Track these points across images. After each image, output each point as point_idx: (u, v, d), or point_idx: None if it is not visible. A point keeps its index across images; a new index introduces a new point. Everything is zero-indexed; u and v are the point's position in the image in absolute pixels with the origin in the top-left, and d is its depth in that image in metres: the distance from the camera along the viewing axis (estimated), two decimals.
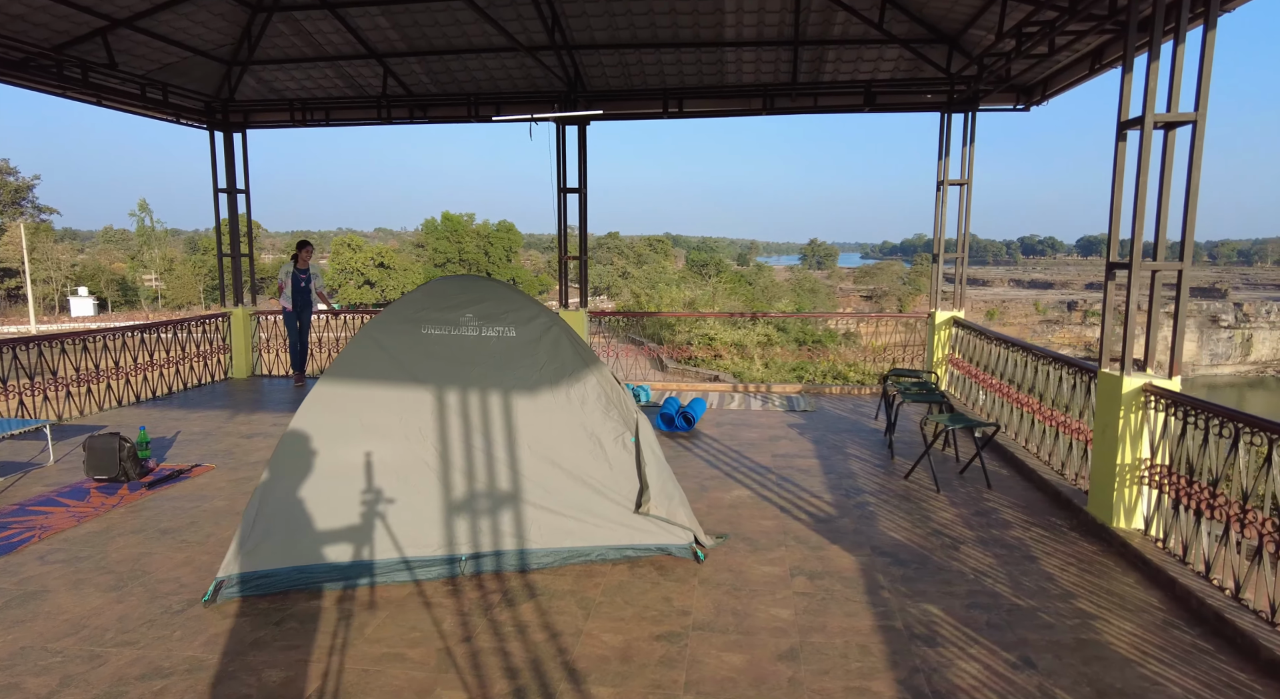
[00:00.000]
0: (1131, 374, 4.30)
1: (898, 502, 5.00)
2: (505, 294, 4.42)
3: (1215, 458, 3.67)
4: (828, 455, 6.07)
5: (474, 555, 3.85)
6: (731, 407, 7.97)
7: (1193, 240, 4.16)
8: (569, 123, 8.91)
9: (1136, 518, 4.31)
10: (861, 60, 8.37)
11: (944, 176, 8.29)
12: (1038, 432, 5.76)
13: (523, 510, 3.95)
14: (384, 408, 3.94)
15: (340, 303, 69.02)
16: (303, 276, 8.90)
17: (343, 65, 9.00)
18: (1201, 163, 4.08)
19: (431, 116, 9.65)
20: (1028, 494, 5.16)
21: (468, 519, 3.89)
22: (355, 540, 3.73)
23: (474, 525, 3.89)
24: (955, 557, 4.11)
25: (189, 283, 66.40)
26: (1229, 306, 65.16)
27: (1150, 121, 4.13)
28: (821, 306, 64.33)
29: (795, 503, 4.97)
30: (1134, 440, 4.30)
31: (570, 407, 4.14)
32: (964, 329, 7.74)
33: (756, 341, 26.36)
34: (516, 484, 3.97)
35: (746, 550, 4.20)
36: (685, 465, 5.79)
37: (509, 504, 3.94)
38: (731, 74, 8.75)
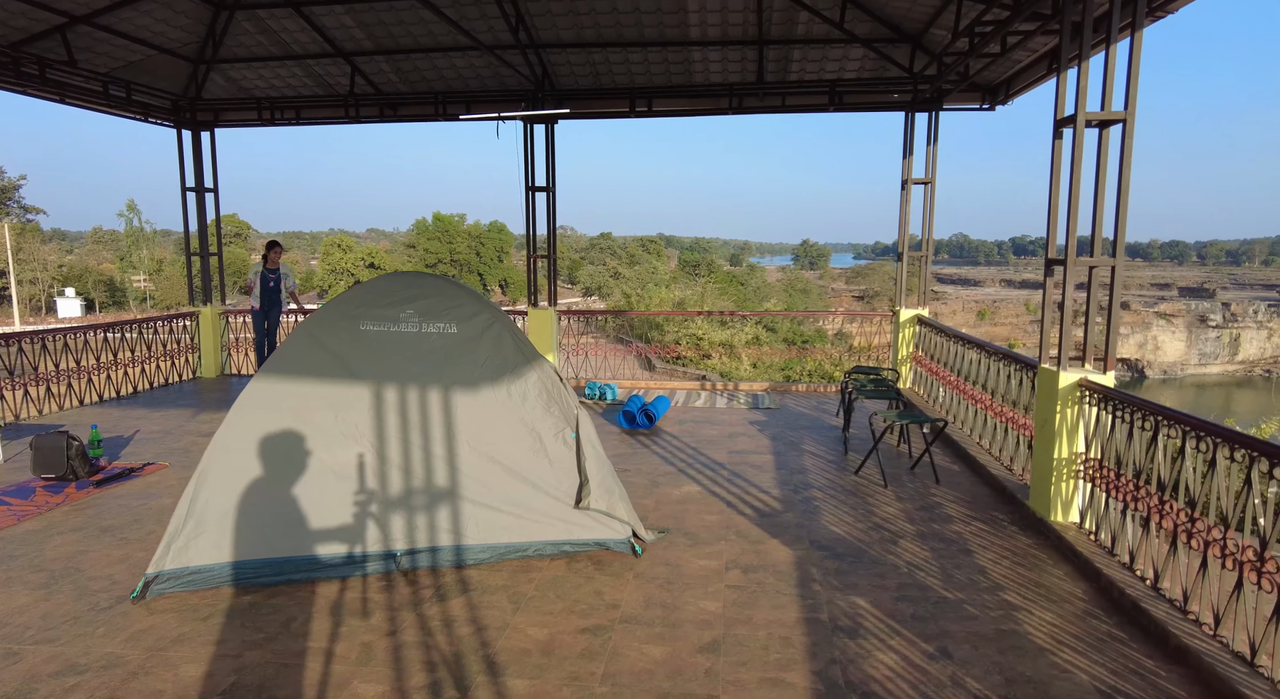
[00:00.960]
0: (1068, 369, 4.35)
1: (844, 497, 5.03)
2: (448, 290, 4.43)
3: (1139, 451, 3.71)
4: (783, 452, 6.11)
5: (410, 551, 3.87)
6: (697, 404, 8.01)
7: (1124, 237, 4.21)
8: (536, 121, 8.93)
9: (1073, 511, 4.36)
10: (827, 60, 8.41)
11: (908, 175, 8.34)
12: (989, 427, 5.81)
13: (460, 507, 3.97)
14: (320, 404, 3.95)
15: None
16: (272, 276, 8.89)
17: (310, 64, 8.99)
18: (1132, 161, 4.14)
19: (401, 115, 9.66)
20: (975, 489, 5.21)
21: (404, 515, 3.90)
22: (290, 536, 3.73)
23: (410, 522, 3.90)
24: (892, 550, 4.15)
25: (178, 284, 66.10)
26: (1217, 306, 65.70)
27: (1082, 120, 4.18)
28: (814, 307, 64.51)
29: (743, 498, 5.00)
30: (1070, 435, 4.35)
31: (511, 403, 4.16)
32: (926, 327, 7.80)
33: (745, 341, 26.46)
34: (454, 480, 3.98)
35: (686, 545, 4.23)
36: (640, 462, 5.82)
37: (446, 500, 3.96)
38: (699, 73, 8.78)
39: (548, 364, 4.34)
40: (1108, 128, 4.28)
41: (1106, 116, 4.18)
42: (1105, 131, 4.30)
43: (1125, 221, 4.18)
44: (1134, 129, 4.13)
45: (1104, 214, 4.25)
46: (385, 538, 3.85)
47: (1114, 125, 4.24)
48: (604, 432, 6.77)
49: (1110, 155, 4.25)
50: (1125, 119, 4.12)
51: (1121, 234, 4.19)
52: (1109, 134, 4.29)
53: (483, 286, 76.61)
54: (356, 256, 68.39)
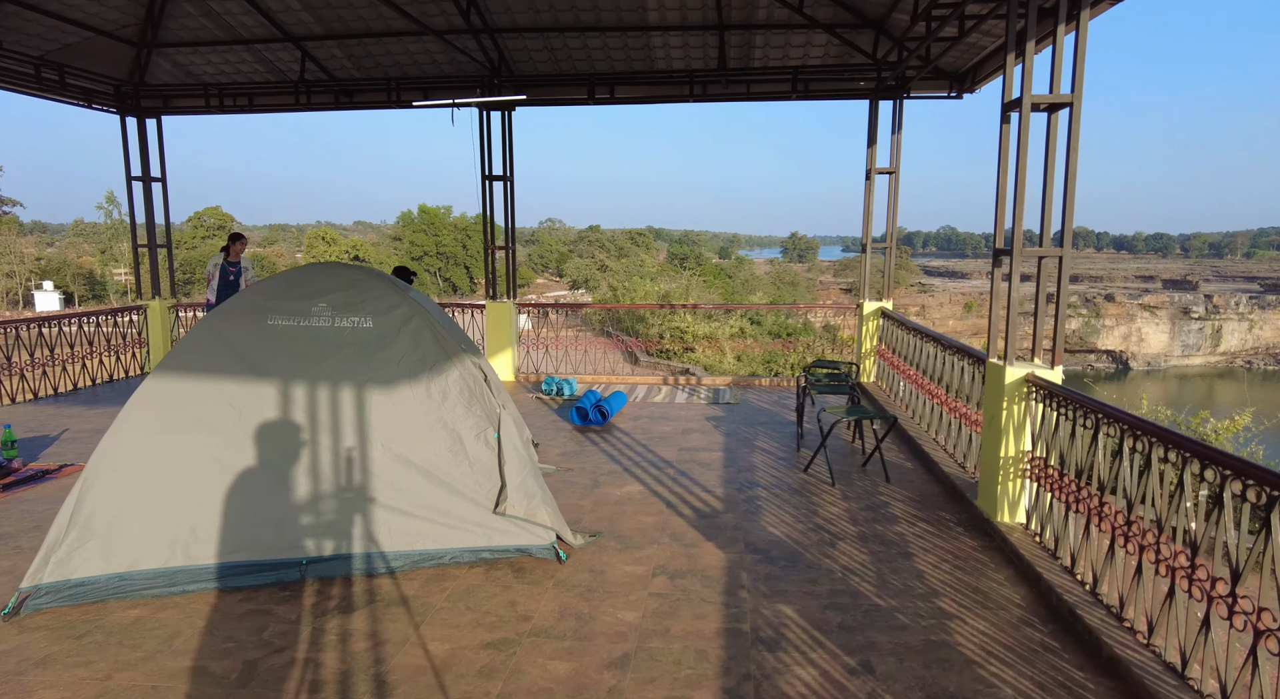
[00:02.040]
0: (1014, 364, 4.18)
1: (789, 496, 4.86)
2: (365, 282, 4.21)
3: (1081, 450, 3.55)
4: (735, 448, 5.93)
5: (316, 559, 3.65)
6: (656, 399, 7.81)
7: (1071, 226, 4.03)
8: (492, 108, 8.67)
9: (1020, 512, 4.20)
10: (790, 46, 8.20)
11: (872, 165, 8.15)
12: (945, 423, 5.65)
13: (372, 512, 3.75)
14: (221, 404, 3.72)
15: None
16: (232, 269, 8.59)
17: (260, 49, 8.68)
18: (1079, 147, 3.96)
19: (357, 102, 9.36)
20: (926, 487, 5.05)
21: (312, 521, 3.69)
22: (184, 544, 3.51)
23: (318, 528, 3.69)
24: (829, 554, 3.97)
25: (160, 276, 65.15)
26: (1200, 299, 66.20)
27: (1028, 102, 3.99)
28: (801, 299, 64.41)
29: (684, 498, 4.82)
30: (1017, 432, 4.18)
31: (430, 401, 3.94)
32: (889, 320, 7.63)
33: (729, 334, 26.26)
34: (366, 484, 3.77)
35: (616, 549, 4.03)
36: (586, 460, 5.62)
37: (358, 505, 3.74)
38: (661, 60, 8.55)
39: (470, 360, 4.13)
40: (1056, 112, 4.10)
41: (1055, 100, 4.00)
42: (1054, 116, 4.12)
43: (1072, 210, 4.00)
44: (1081, 114, 3.95)
45: (1052, 202, 4.07)
46: (290, 545, 3.64)
47: (1062, 109, 4.05)
48: (555, 428, 6.57)
49: (1058, 141, 4.07)
50: (1072, 102, 3.94)
51: (1068, 223, 4.01)
52: (1057, 119, 4.10)
53: (469, 279, 76.19)
54: (341, 249, 67.73)
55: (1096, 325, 63.61)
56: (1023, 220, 4.11)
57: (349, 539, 3.70)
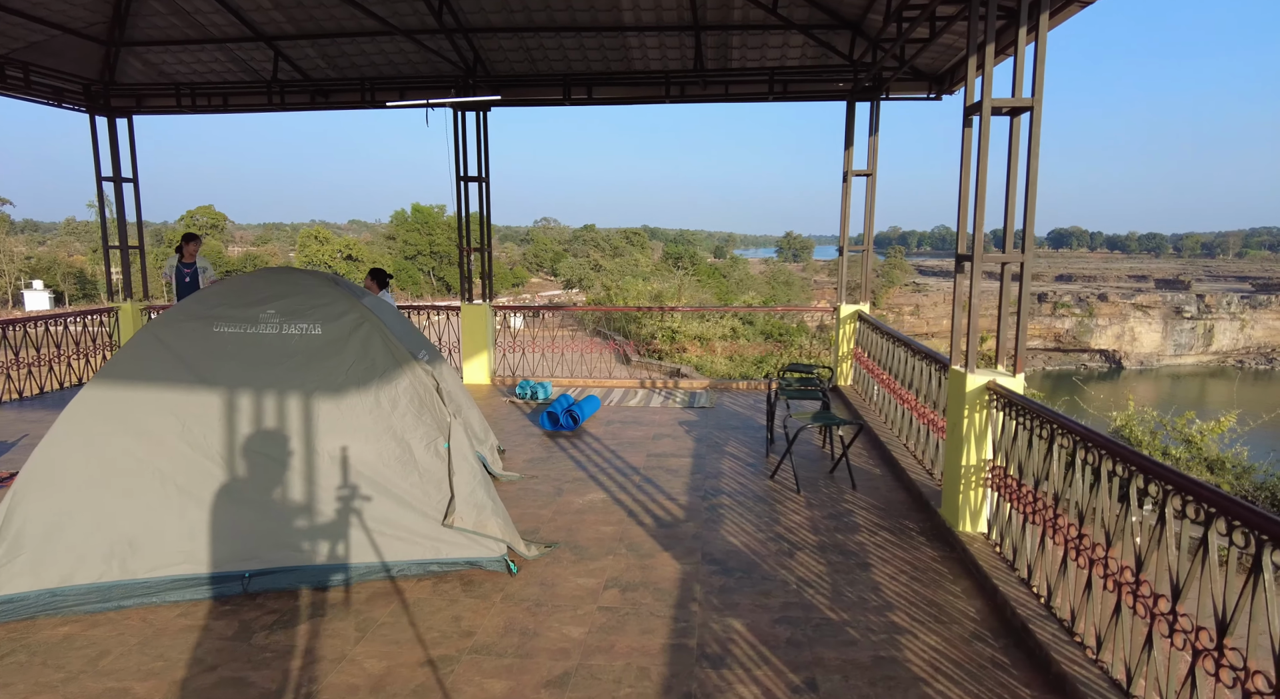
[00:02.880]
0: (976, 371, 4.12)
1: (753, 503, 4.79)
2: (315, 288, 4.13)
3: (1038, 460, 3.49)
4: (704, 454, 5.86)
5: (260, 572, 3.57)
6: (631, 403, 7.74)
7: (1032, 231, 3.97)
8: (467, 109, 8.58)
9: (981, 521, 4.14)
10: (768, 47, 8.13)
11: (849, 167, 8.09)
12: (914, 428, 5.59)
13: (318, 523, 3.67)
14: (164, 413, 3.63)
15: None
16: (187, 271, 8.49)
17: (232, 48, 8.58)
18: (1039, 152, 3.90)
19: (333, 102, 9.26)
20: (892, 495, 4.99)
21: (255, 533, 3.60)
22: (121, 558, 3.43)
23: (262, 540, 3.60)
24: (786, 564, 3.91)
25: (151, 275, 64.88)
26: (1192, 298, 66.44)
27: (988, 106, 3.93)
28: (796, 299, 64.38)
29: (647, 506, 4.74)
30: (979, 440, 4.12)
31: (379, 410, 3.86)
32: (864, 323, 7.57)
33: (721, 335, 26.18)
34: (313, 495, 3.69)
35: (570, 560, 3.96)
36: (552, 467, 5.55)
37: (303, 517, 3.66)
38: (638, 60, 8.48)
39: (421, 368, 4.05)
40: (1017, 116, 4.04)
41: (1016, 104, 3.94)
42: (1015, 120, 4.06)
43: (1033, 215, 3.94)
44: (1041, 118, 3.89)
45: (1014, 207, 4.01)
46: (233, 558, 3.55)
47: (1023, 113, 4.00)
48: (525, 434, 6.49)
49: (1020, 145, 4.01)
50: (1033, 107, 3.88)
51: (1029, 228, 3.95)
52: (1019, 123, 4.05)
53: None
54: (334, 248, 67.50)
55: (1090, 325, 63.78)
56: (983, 225, 4.05)
57: (293, 551, 3.62)
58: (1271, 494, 7.90)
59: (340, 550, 3.66)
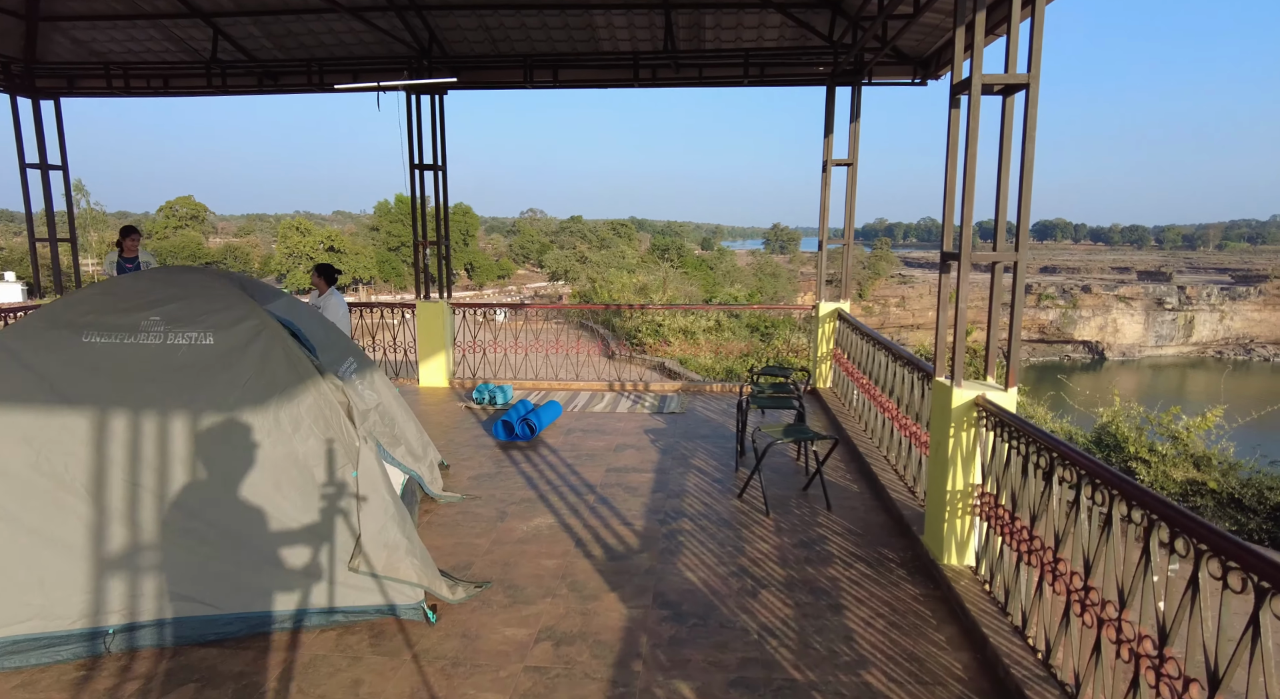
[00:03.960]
0: (963, 385, 3.65)
1: (716, 528, 4.31)
2: (208, 291, 3.59)
3: (1033, 492, 3.03)
4: (668, 468, 5.37)
5: (128, 627, 3.04)
6: (597, 408, 7.24)
7: (1028, 226, 3.50)
8: (421, 91, 8.00)
9: (969, 553, 3.68)
10: (743, 27, 7.60)
11: (829, 156, 7.60)
12: (895, 440, 5.13)
13: (202, 566, 3.15)
14: (13, 441, 3.08)
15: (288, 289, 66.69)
16: (129, 265, 7.87)
17: (168, 25, 7.92)
18: (1035, 136, 3.42)
19: (283, 85, 8.64)
20: (870, 516, 4.52)
21: (125, 581, 3.07)
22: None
23: (132, 589, 3.07)
24: (749, 606, 3.43)
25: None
26: (1173, 290, 66.82)
27: (978, 83, 3.44)
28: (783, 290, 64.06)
29: (598, 533, 4.25)
30: (966, 462, 3.66)
31: (279, 433, 3.34)
32: (844, 323, 7.10)
33: (705, 329, 25.71)
34: (197, 533, 3.16)
35: (502, 604, 3.46)
36: (499, 485, 5.04)
37: (185, 559, 3.14)
38: (605, 41, 7.92)
39: (329, 384, 3.52)
40: (1011, 96, 3.56)
41: (1010, 80, 3.45)
42: (1008, 100, 3.57)
43: (1028, 208, 3.46)
44: (1038, 97, 3.41)
45: (1007, 199, 3.54)
46: (95, 612, 3.02)
47: (1017, 92, 3.51)
48: (476, 445, 5.97)
49: (1014, 128, 3.53)
50: (1029, 84, 3.39)
51: (1024, 222, 3.48)
52: (1012, 103, 3.56)
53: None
54: (315, 240, 66.45)
55: (1073, 316, 64.02)
56: (972, 218, 3.57)
57: (171, 601, 3.09)
58: (1258, 491, 7.65)
59: (226, 599, 3.14)
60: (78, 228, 41.13)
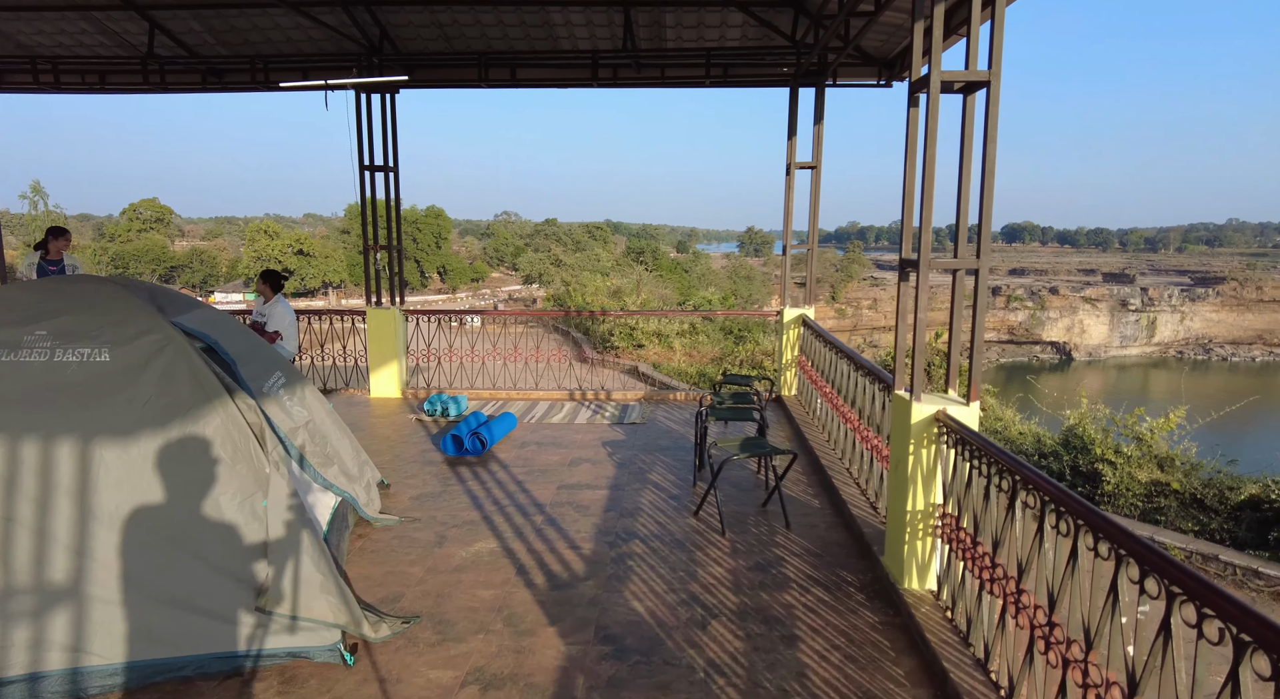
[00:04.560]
0: (923, 399, 3.46)
1: (669, 550, 4.07)
2: (106, 302, 3.26)
3: (996, 516, 2.84)
4: (624, 485, 5.12)
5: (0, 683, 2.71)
6: (555, 419, 6.96)
7: (989, 232, 3.32)
8: (371, 90, 7.68)
9: (930, 577, 3.49)
10: (705, 26, 7.40)
11: (793, 159, 7.43)
12: (857, 453, 4.94)
13: (90, 610, 2.83)
14: None
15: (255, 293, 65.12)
16: (52, 268, 7.41)
17: (99, 17, 7.50)
18: (997, 135, 3.24)
19: (228, 83, 8.25)
20: (830, 535, 4.32)
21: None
22: None
23: (6, 638, 2.74)
24: (697, 640, 3.19)
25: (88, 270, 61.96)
26: (1136, 291, 68.35)
27: (936, 81, 3.26)
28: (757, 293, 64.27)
29: (543, 559, 3.99)
30: (927, 480, 3.47)
31: (182, 459, 3.03)
32: (808, 329, 6.92)
33: (679, 332, 25.51)
34: (85, 573, 2.84)
35: (429, 642, 3.18)
36: (441, 506, 4.75)
37: (69, 603, 2.81)
38: (564, 39, 7.67)
39: (239, 404, 3.21)
40: (972, 94, 3.38)
41: (970, 77, 3.27)
42: (969, 99, 3.40)
43: (990, 212, 3.29)
44: (1000, 96, 3.23)
45: (968, 203, 3.36)
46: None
47: (978, 90, 3.33)
48: (422, 461, 5.67)
49: (975, 128, 3.35)
50: (990, 81, 3.22)
51: (986, 228, 3.30)
52: (973, 102, 3.39)
53: (420, 273, 74.16)
54: (284, 243, 65.28)
55: (1042, 317, 65.19)
56: (931, 223, 3.38)
57: (52, 650, 2.77)
58: (1219, 491, 7.67)
59: (119, 645, 2.82)
60: (34, 229, 39.71)
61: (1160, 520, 7.47)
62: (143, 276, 66.88)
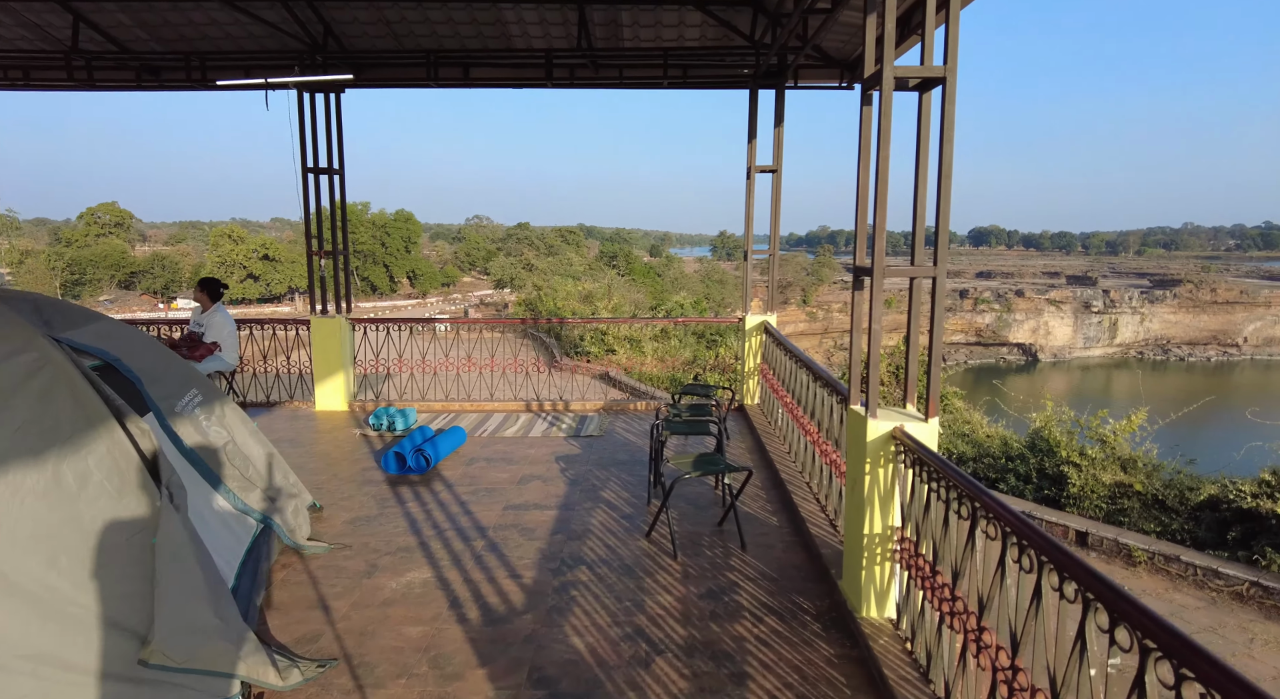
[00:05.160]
0: (879, 415, 3.25)
1: (617, 577, 3.81)
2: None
3: (955, 545, 2.63)
4: (574, 504, 4.85)
5: None
6: (508, 432, 6.67)
7: (946, 237, 3.13)
8: (315, 89, 7.32)
9: (889, 604, 3.28)
10: (662, 25, 7.19)
11: (753, 162, 7.24)
12: (818, 467, 4.74)
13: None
14: None
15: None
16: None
17: (17, 8, 7.03)
18: (954, 134, 3.06)
19: (165, 82, 7.83)
20: (788, 556, 4.09)
21: None
22: None
23: None
24: (639, 681, 2.93)
25: (42, 276, 60.13)
26: (1099, 294, 69.94)
27: (889, 76, 3.06)
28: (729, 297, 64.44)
29: (479, 589, 3.70)
30: (884, 501, 3.26)
31: (60, 493, 2.68)
32: (769, 337, 6.72)
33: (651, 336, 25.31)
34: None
35: (344, 689, 2.88)
36: (376, 530, 4.43)
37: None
38: (518, 37, 7.39)
39: (124, 431, 2.88)
40: (927, 91, 3.19)
41: (925, 73, 3.08)
42: (925, 97, 3.21)
43: (948, 214, 3.10)
44: (955, 92, 3.05)
45: (925, 207, 3.17)
46: None
47: (934, 87, 3.15)
48: (361, 481, 5.33)
49: (931, 127, 3.16)
50: (945, 77, 3.03)
51: (942, 233, 3.11)
52: (929, 100, 3.20)
53: (389, 278, 73.03)
54: (249, 248, 63.95)
55: (1008, 320, 66.37)
56: (884, 227, 3.18)
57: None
58: (1180, 493, 7.69)
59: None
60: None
61: (1124, 522, 7.48)
62: (101, 282, 64.84)
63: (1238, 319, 66.93)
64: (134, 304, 58.05)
